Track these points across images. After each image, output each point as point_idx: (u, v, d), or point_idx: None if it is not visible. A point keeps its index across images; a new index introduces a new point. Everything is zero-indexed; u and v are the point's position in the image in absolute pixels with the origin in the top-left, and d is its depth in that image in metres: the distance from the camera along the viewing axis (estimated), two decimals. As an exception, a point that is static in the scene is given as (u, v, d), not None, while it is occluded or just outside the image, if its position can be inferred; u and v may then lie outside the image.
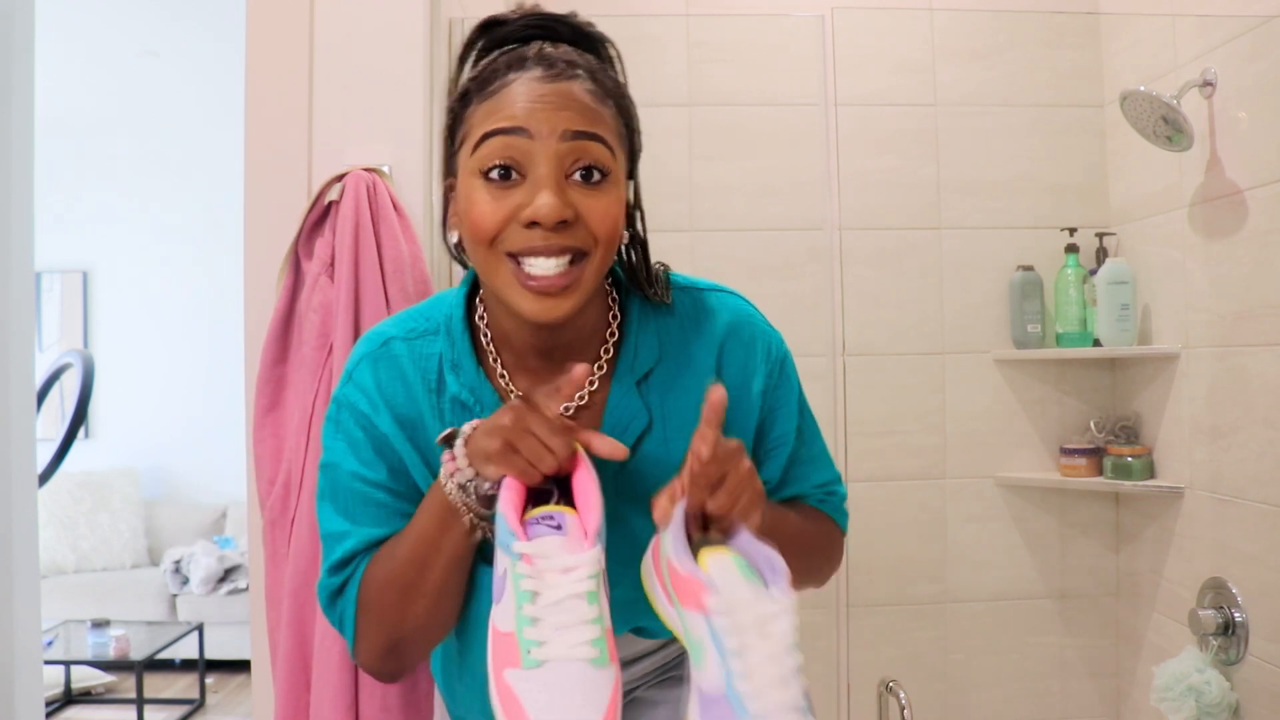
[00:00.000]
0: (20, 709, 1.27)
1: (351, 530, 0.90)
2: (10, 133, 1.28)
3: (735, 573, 0.75)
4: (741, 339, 0.94)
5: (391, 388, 0.90)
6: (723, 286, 0.98)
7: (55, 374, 2.50)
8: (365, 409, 0.90)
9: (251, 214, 1.45)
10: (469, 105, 0.85)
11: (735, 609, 0.72)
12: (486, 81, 0.85)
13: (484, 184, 0.82)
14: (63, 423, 2.27)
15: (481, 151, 0.82)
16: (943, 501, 2.22)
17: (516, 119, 0.81)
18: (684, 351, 0.92)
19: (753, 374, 0.93)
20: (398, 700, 1.24)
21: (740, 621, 0.72)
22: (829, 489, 1.02)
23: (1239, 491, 1.80)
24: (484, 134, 0.82)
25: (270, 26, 1.45)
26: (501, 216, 0.81)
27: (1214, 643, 1.80)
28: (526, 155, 0.81)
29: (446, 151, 0.90)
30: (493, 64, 0.86)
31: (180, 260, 5.09)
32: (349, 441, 0.90)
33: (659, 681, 1.07)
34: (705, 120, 2.18)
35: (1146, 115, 1.84)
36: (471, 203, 0.83)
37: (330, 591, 0.91)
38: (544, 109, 0.82)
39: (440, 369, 0.90)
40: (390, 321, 0.95)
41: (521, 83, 0.83)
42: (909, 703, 1.80)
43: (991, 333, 2.22)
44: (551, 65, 0.84)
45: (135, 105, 4.87)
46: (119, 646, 3.83)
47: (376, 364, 0.91)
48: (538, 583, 0.73)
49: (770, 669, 0.71)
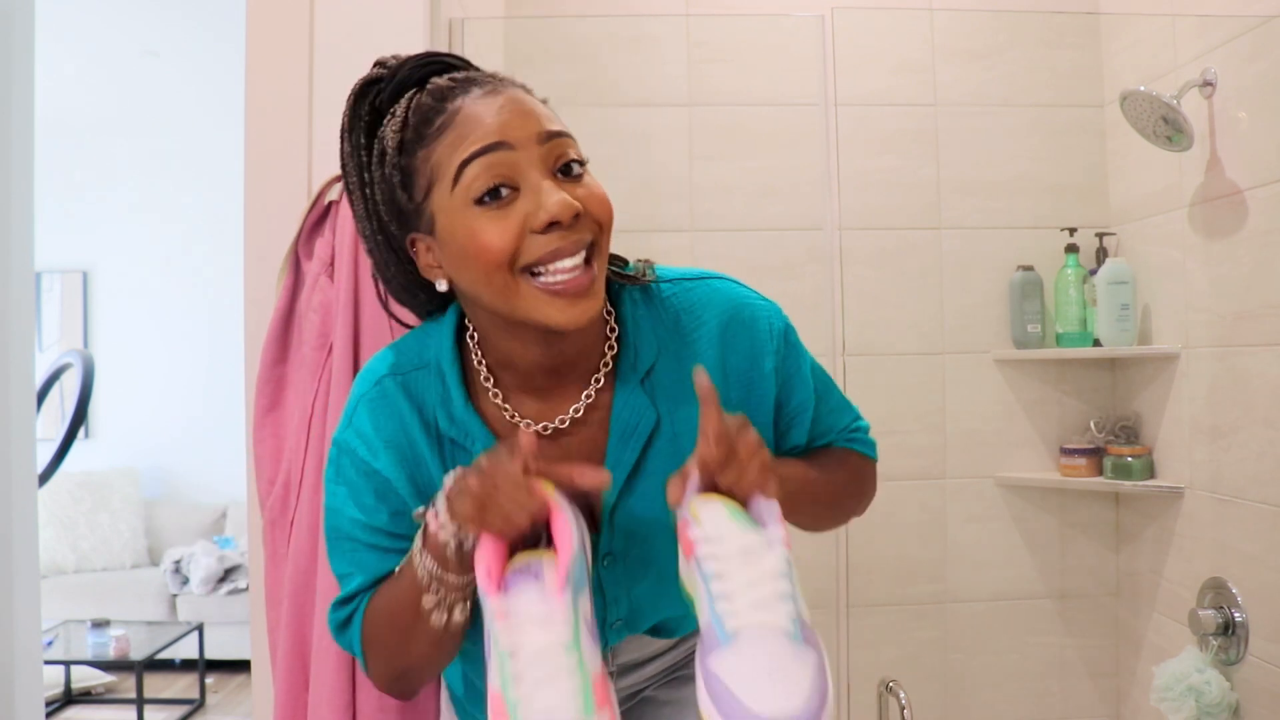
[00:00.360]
0: (20, 709, 1.27)
1: (354, 574, 0.90)
2: (10, 133, 1.28)
3: (723, 513, 0.76)
4: (743, 322, 0.93)
5: (390, 429, 0.89)
6: (709, 273, 0.97)
7: (55, 374, 2.50)
8: (364, 455, 0.89)
9: (251, 214, 1.45)
10: (415, 152, 0.82)
11: (718, 541, 0.74)
12: (425, 122, 0.82)
13: (479, 211, 0.79)
14: (63, 423, 2.27)
15: (464, 181, 0.79)
16: (943, 501, 2.22)
17: (489, 136, 0.79)
18: (684, 346, 0.92)
19: (761, 354, 0.93)
20: (395, 701, 1.24)
21: (722, 551, 0.73)
22: (852, 429, 1.03)
23: (1239, 491, 1.80)
24: (462, 162, 0.79)
25: (270, 26, 1.45)
26: (513, 233, 0.79)
27: (1214, 643, 1.80)
28: (513, 167, 0.80)
29: (394, 214, 0.86)
30: (417, 105, 0.83)
31: (180, 260, 5.09)
32: (349, 487, 0.90)
33: (668, 681, 1.08)
34: (705, 120, 2.18)
35: (1146, 115, 1.84)
36: (473, 234, 0.80)
37: (338, 623, 0.93)
38: (511, 118, 0.80)
39: (434, 408, 0.89)
40: (381, 357, 0.94)
41: (469, 106, 0.81)
42: (909, 703, 1.80)
43: (991, 333, 2.22)
44: (483, 84, 0.83)
45: (135, 105, 4.87)
46: (119, 646, 3.83)
47: (373, 406, 0.90)
48: (514, 639, 0.72)
49: (750, 593, 0.71)
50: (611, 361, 0.91)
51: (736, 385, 0.92)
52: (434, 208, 0.82)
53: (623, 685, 1.04)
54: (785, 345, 0.96)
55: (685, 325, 0.92)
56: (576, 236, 0.80)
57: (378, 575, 0.90)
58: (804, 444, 0.99)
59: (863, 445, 1.04)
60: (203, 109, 4.72)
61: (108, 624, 3.89)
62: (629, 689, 1.05)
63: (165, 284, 5.11)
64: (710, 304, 0.94)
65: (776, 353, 0.94)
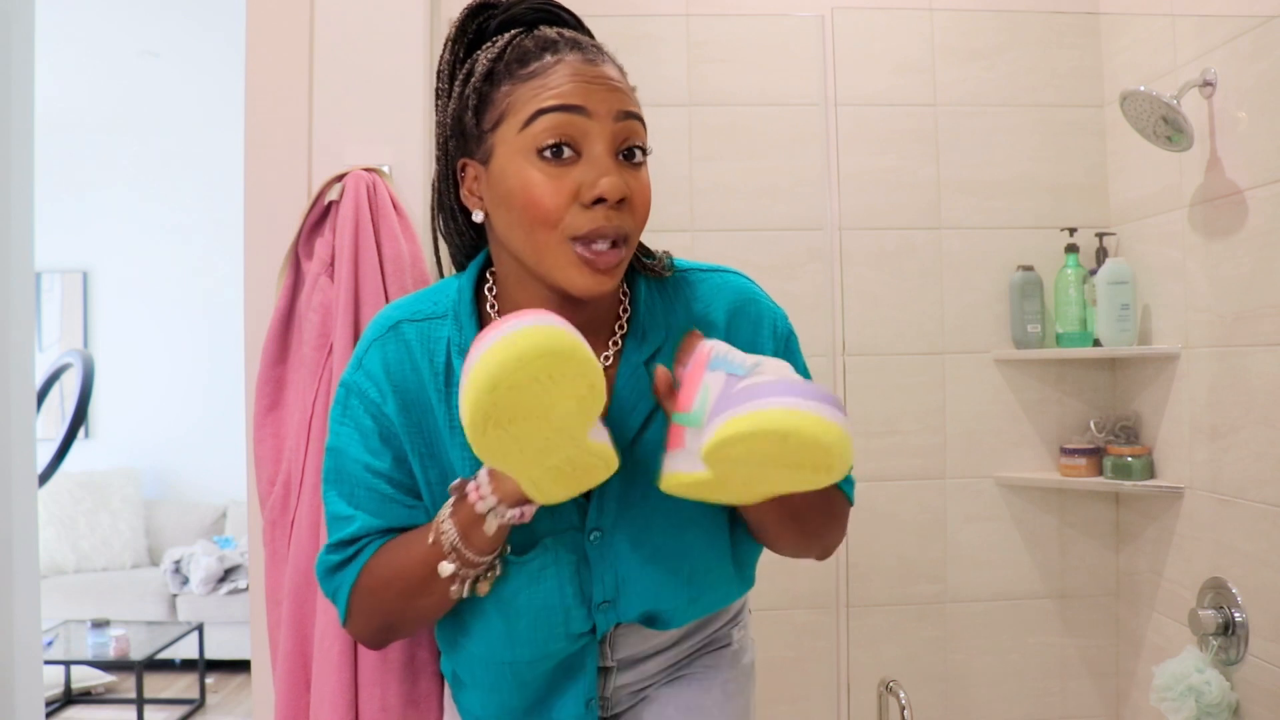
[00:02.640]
0: (20, 709, 1.27)
1: (355, 515, 0.91)
2: (10, 133, 1.28)
3: (723, 347, 0.81)
4: (748, 316, 0.96)
5: (400, 371, 0.91)
6: (724, 267, 1.00)
7: (55, 374, 2.50)
8: (374, 396, 0.91)
9: (251, 214, 1.45)
10: (499, 84, 0.86)
11: (728, 352, 0.80)
12: (520, 61, 0.85)
13: (538, 162, 0.82)
14: (63, 423, 2.27)
15: (534, 129, 0.82)
16: (943, 501, 2.22)
17: (573, 97, 0.82)
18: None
19: (761, 348, 0.95)
20: (397, 700, 1.24)
21: (734, 354, 0.79)
22: None
23: (1239, 491, 1.80)
24: (536, 111, 0.82)
25: (270, 26, 1.45)
26: (564, 197, 0.82)
27: (1214, 643, 1.80)
28: (584, 134, 0.82)
29: (458, 133, 0.89)
30: (518, 44, 0.86)
31: (180, 260, 5.09)
32: (357, 428, 0.92)
33: (669, 681, 1.08)
34: (705, 120, 2.18)
35: (1146, 115, 1.84)
36: (526, 182, 0.83)
37: (329, 566, 0.93)
38: (598, 89, 0.83)
39: (448, 353, 0.91)
40: (398, 305, 0.96)
41: (566, 64, 0.84)
42: (909, 703, 1.80)
43: (991, 333, 2.22)
44: (586, 50, 0.86)
45: (135, 105, 4.87)
46: (119, 646, 3.83)
47: (385, 347, 0.92)
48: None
49: (773, 375, 0.75)
50: (621, 340, 0.93)
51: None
52: (496, 140, 0.85)
53: (624, 682, 1.04)
54: (786, 350, 0.97)
55: (695, 312, 0.95)
56: (618, 222, 0.83)
57: (375, 524, 0.91)
58: None
59: (843, 482, 1.02)
60: (203, 109, 4.72)
61: (108, 624, 3.90)
62: (631, 686, 1.05)
63: (165, 284, 5.12)
64: (720, 293, 0.97)
65: (776, 352, 0.95)
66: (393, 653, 1.22)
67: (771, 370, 0.76)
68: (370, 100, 1.45)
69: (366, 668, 1.24)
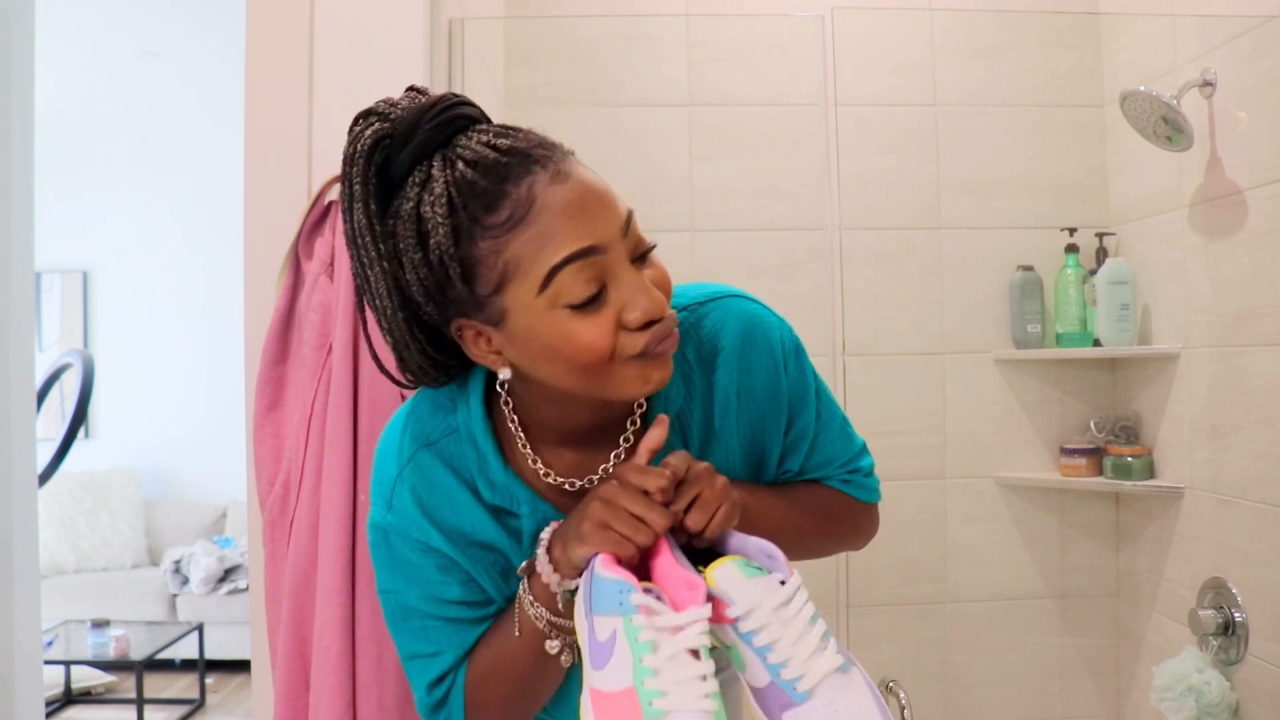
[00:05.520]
0: (20, 709, 1.27)
1: (439, 651, 0.89)
2: (10, 133, 1.28)
3: (740, 576, 0.77)
4: (756, 344, 0.92)
5: (436, 507, 0.86)
6: (718, 291, 0.94)
7: (55, 374, 2.50)
8: (417, 535, 0.86)
9: (251, 214, 1.45)
10: (476, 241, 0.75)
11: (754, 610, 0.76)
12: (485, 209, 0.74)
13: (573, 314, 0.75)
14: (63, 423, 2.27)
15: (556, 287, 0.74)
16: (943, 501, 2.22)
17: (579, 239, 0.74)
18: (705, 377, 0.91)
19: (777, 373, 0.92)
20: (395, 700, 1.24)
21: (762, 619, 0.76)
22: (851, 468, 1.00)
23: (1239, 491, 1.80)
24: (550, 270, 0.74)
25: (270, 26, 1.45)
26: (611, 331, 0.76)
27: (1214, 643, 1.80)
28: (607, 270, 0.76)
29: (437, 299, 0.78)
30: (463, 184, 0.75)
31: (180, 260, 5.09)
32: (408, 567, 0.88)
33: None
34: (705, 120, 2.18)
35: (1146, 115, 1.84)
36: (567, 335, 0.75)
37: (431, 706, 0.90)
38: (594, 211, 0.75)
39: (474, 474, 0.87)
40: (403, 428, 0.89)
41: (544, 192, 0.74)
42: (909, 703, 1.80)
43: (991, 333, 2.22)
44: (541, 160, 0.75)
45: (135, 105, 4.87)
46: (119, 646, 3.84)
47: (414, 486, 0.86)
48: (655, 635, 0.74)
49: (803, 647, 0.75)
50: (646, 404, 0.90)
51: (751, 407, 0.91)
52: (508, 304, 0.76)
53: None
54: (795, 363, 0.94)
55: (705, 354, 0.91)
56: (665, 319, 0.78)
57: (463, 649, 0.88)
58: (797, 470, 0.96)
59: (859, 489, 1.01)
60: (203, 109, 4.72)
61: (108, 624, 3.90)
62: None
63: (165, 284, 5.12)
64: (724, 327, 0.91)
65: (787, 370, 0.93)
66: (390, 653, 1.22)
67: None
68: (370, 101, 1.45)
69: (365, 668, 1.24)
